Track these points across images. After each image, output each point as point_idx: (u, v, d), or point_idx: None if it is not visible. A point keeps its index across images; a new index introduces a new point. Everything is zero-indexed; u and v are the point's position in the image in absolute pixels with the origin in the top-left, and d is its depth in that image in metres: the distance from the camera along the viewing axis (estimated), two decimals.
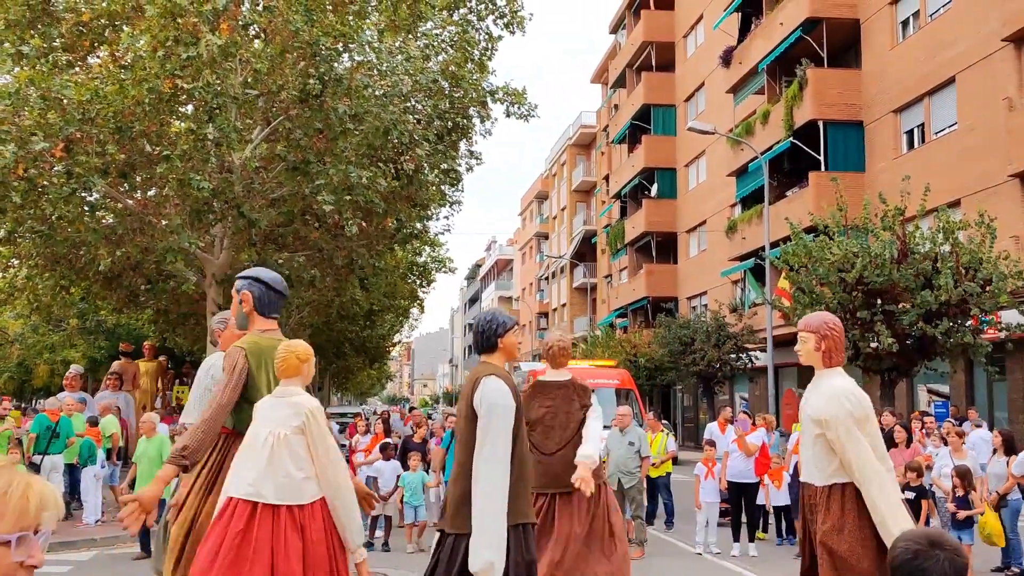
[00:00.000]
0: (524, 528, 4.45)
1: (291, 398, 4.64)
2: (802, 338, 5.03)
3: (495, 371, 4.59)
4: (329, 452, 4.58)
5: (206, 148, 14.93)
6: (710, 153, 38.99)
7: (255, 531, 4.35)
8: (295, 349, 4.75)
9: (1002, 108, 21.86)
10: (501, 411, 4.42)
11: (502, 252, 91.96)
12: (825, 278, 18.64)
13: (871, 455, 4.60)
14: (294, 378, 4.74)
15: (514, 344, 4.78)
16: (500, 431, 4.39)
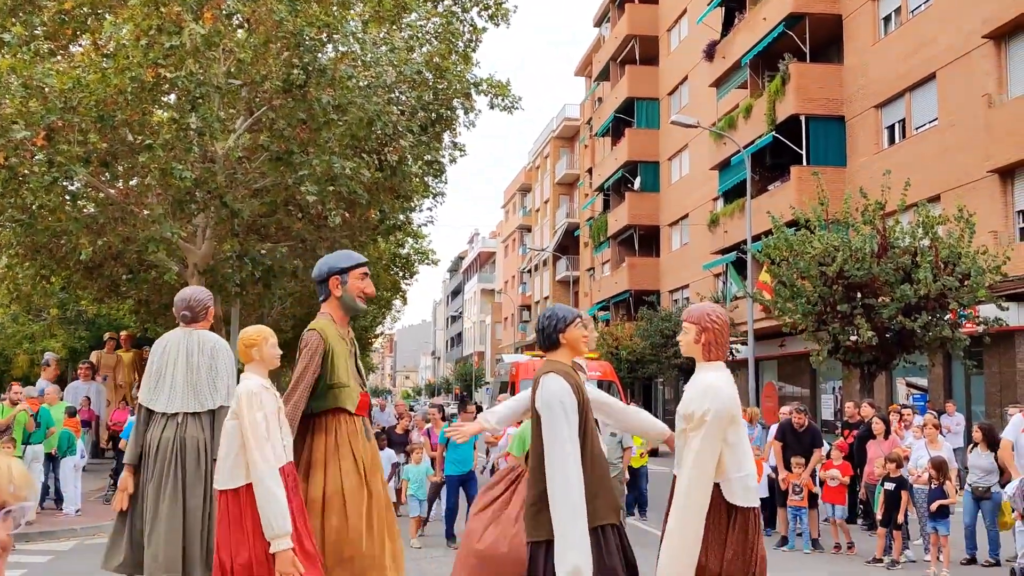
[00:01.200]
0: (603, 530, 4.33)
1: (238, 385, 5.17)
2: (684, 328, 4.76)
3: (555, 368, 4.47)
4: (251, 439, 4.91)
5: (189, 138, 14.88)
6: (693, 147, 39.11)
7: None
8: (243, 335, 5.23)
9: (982, 104, 22.03)
10: (560, 409, 4.29)
11: (485, 245, 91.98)
12: (806, 272, 18.77)
13: (708, 465, 4.28)
14: (251, 363, 5.22)
15: (579, 337, 4.62)
16: (562, 431, 4.27)
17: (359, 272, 5.75)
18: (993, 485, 10.87)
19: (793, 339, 25.74)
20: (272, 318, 28.36)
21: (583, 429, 4.31)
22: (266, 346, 5.24)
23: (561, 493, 4.16)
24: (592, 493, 4.24)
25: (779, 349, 30.81)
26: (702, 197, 37.89)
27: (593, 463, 4.32)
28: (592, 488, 4.25)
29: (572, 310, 4.66)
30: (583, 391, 4.40)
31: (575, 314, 4.63)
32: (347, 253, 5.82)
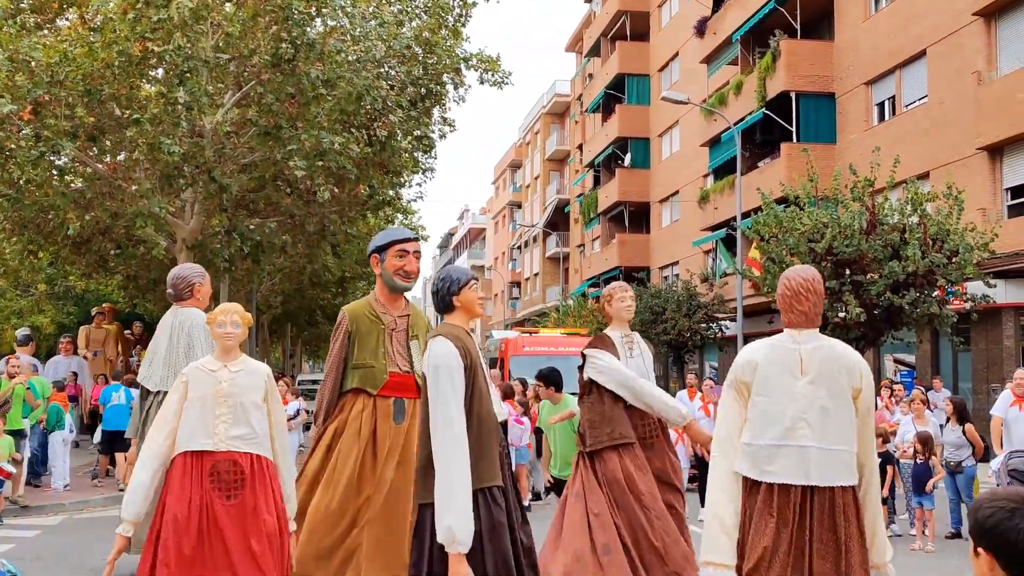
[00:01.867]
0: (490, 492, 4.28)
1: None
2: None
3: (445, 331, 4.40)
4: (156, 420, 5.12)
5: (176, 112, 14.80)
6: (683, 123, 39.06)
7: None
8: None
9: (971, 82, 22.04)
10: (444, 372, 4.23)
11: (475, 221, 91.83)
12: (795, 248, 18.80)
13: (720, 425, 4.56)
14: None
15: (473, 300, 4.51)
16: (444, 393, 4.21)
17: (396, 250, 5.65)
18: (965, 459, 10.97)
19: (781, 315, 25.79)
20: (261, 294, 28.34)
21: (470, 392, 4.27)
22: (213, 325, 5.12)
23: (443, 456, 4.13)
24: (476, 456, 4.20)
25: (768, 325, 30.89)
26: (692, 174, 37.88)
27: (480, 426, 4.27)
28: (477, 451, 4.21)
29: (466, 272, 4.58)
30: (472, 354, 4.34)
31: (469, 276, 4.55)
32: (388, 231, 5.76)
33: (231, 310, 5.13)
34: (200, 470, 4.89)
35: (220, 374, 5.05)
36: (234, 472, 4.91)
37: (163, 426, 4.99)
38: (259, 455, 5.03)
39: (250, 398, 5.06)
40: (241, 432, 4.97)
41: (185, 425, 4.97)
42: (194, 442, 4.92)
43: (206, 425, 4.94)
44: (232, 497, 4.88)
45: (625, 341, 6.20)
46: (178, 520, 4.79)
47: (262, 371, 5.23)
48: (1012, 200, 21.52)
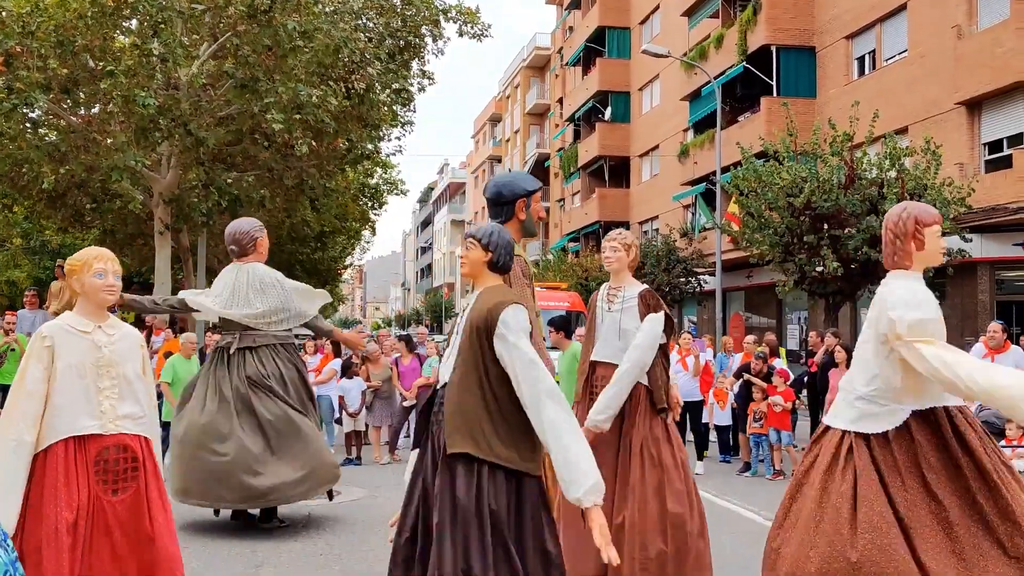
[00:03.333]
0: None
1: None
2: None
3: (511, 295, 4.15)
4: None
5: (151, 64, 14.63)
6: (664, 77, 38.87)
7: None
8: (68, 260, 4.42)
9: (951, 36, 22.01)
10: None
11: (455, 175, 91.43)
12: (774, 203, 18.86)
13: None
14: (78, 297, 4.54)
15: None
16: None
17: (538, 195, 5.82)
18: None
19: (760, 270, 25.95)
20: None
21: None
22: (87, 274, 4.10)
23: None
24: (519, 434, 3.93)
25: (746, 280, 31.06)
26: (672, 128, 37.79)
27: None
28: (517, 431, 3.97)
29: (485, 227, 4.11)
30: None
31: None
32: (525, 175, 5.82)
33: (108, 256, 4.17)
34: (85, 460, 3.98)
35: (96, 337, 4.11)
36: (124, 459, 4.06)
37: (26, 404, 3.93)
38: (148, 438, 4.22)
39: (132, 368, 4.19)
40: (130, 410, 4.13)
41: (61, 403, 3.97)
42: (77, 424, 3.98)
43: (90, 402, 4.02)
44: (121, 491, 4.03)
45: (611, 292, 5.74)
46: (61, 532, 3.83)
47: (135, 335, 4.33)
48: (989, 155, 21.61)
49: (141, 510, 4.06)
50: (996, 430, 9.69)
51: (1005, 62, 20.11)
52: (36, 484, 3.90)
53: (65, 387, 3.98)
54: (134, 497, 4.06)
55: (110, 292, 4.13)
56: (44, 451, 3.93)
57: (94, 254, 4.12)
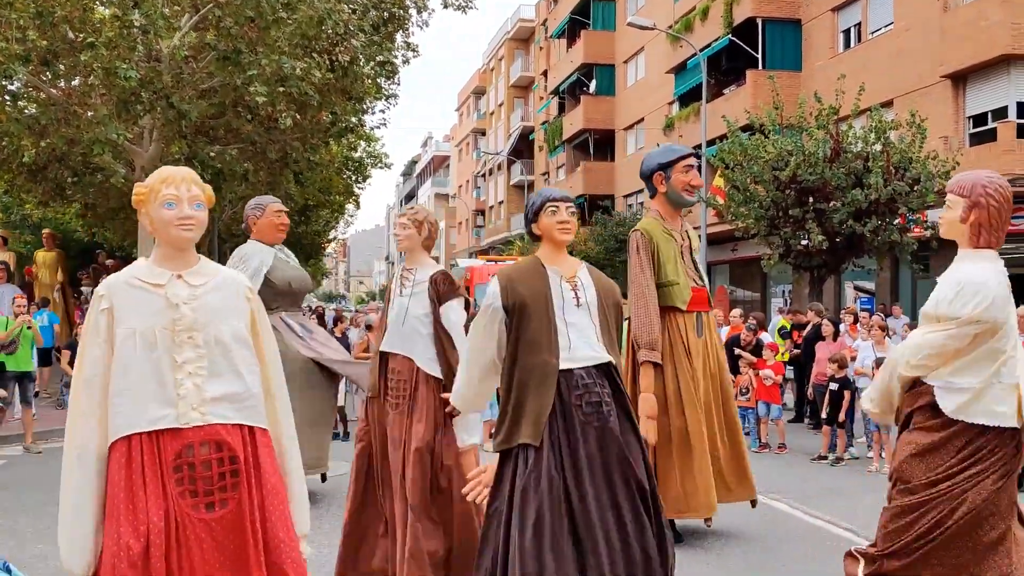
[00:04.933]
0: (522, 451, 3.77)
1: None
2: (949, 202, 3.83)
3: (508, 267, 4.03)
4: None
5: (132, 36, 14.42)
6: (649, 50, 38.72)
7: None
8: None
9: (937, 9, 21.99)
10: (481, 312, 3.93)
11: (439, 148, 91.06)
12: (759, 176, 18.86)
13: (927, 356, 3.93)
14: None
15: (551, 227, 3.91)
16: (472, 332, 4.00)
17: (682, 165, 5.91)
18: None
19: (745, 243, 25.97)
20: (223, 222, 28.04)
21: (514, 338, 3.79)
22: (154, 204, 3.02)
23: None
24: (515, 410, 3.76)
25: (731, 253, 31.11)
26: (657, 101, 37.69)
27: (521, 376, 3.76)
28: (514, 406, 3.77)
29: (545, 193, 3.99)
30: (520, 295, 3.79)
31: (546, 197, 3.95)
32: (668, 147, 6.01)
33: (182, 178, 3.05)
34: (158, 465, 2.88)
35: (173, 291, 3.00)
36: (219, 461, 2.94)
37: (86, 397, 2.94)
38: (255, 427, 3.06)
39: (229, 330, 3.05)
40: (225, 390, 3.00)
41: (122, 385, 2.92)
42: (143, 417, 2.89)
43: (163, 383, 2.92)
44: (219, 505, 2.92)
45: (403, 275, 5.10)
46: (122, 568, 2.79)
47: (236, 283, 3.18)
48: (974, 128, 21.64)
49: (246, 529, 2.91)
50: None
51: (990, 35, 20.11)
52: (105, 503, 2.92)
53: (127, 363, 2.91)
54: (237, 512, 2.93)
55: (186, 227, 3.02)
56: (111, 448, 2.91)
57: (163, 175, 3.05)
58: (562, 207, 3.89)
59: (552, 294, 3.83)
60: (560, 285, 3.86)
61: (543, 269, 3.89)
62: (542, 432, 3.66)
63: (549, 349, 3.73)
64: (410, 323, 4.81)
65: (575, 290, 3.87)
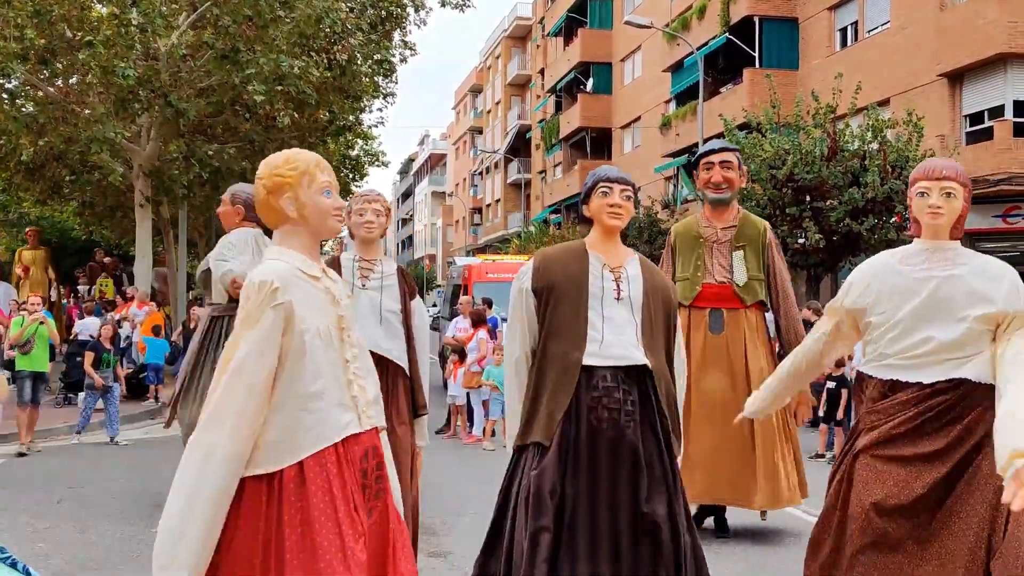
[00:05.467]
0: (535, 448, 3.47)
1: None
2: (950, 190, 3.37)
3: (541, 250, 3.74)
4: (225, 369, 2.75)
5: (130, 34, 14.44)
6: (646, 48, 38.75)
7: None
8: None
9: (933, 7, 22.02)
10: (511, 295, 3.62)
11: (436, 146, 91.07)
12: (757, 175, 18.89)
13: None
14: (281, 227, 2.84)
15: (601, 209, 3.58)
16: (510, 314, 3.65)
17: (703, 163, 6.10)
18: None
19: None
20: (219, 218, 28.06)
21: (544, 323, 3.51)
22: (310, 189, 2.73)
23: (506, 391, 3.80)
24: (533, 403, 3.50)
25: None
26: (654, 99, 37.72)
27: (545, 366, 3.49)
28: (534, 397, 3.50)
29: (599, 173, 3.64)
30: (553, 276, 3.51)
31: (598, 177, 3.62)
32: (703, 147, 6.15)
33: (328, 165, 2.84)
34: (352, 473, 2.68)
35: (327, 284, 2.79)
36: (376, 466, 2.78)
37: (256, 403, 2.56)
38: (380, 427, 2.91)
39: (359, 330, 2.95)
40: (375, 390, 2.88)
41: (316, 389, 2.64)
42: (339, 421, 2.68)
43: (340, 385, 2.72)
44: (374, 511, 2.74)
45: (363, 266, 4.57)
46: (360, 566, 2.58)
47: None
48: (971, 127, 21.69)
49: (388, 536, 2.75)
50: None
51: (986, 34, 20.15)
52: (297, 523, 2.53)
53: (320, 365, 2.66)
54: (382, 519, 2.76)
55: (340, 218, 2.86)
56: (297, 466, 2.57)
57: (314, 159, 2.77)
58: (615, 189, 3.54)
59: (589, 282, 3.50)
60: (602, 273, 3.53)
61: (585, 254, 3.57)
62: (554, 431, 3.38)
63: (574, 341, 3.43)
64: (386, 318, 4.47)
65: (617, 281, 3.53)
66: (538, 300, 3.51)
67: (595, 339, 3.43)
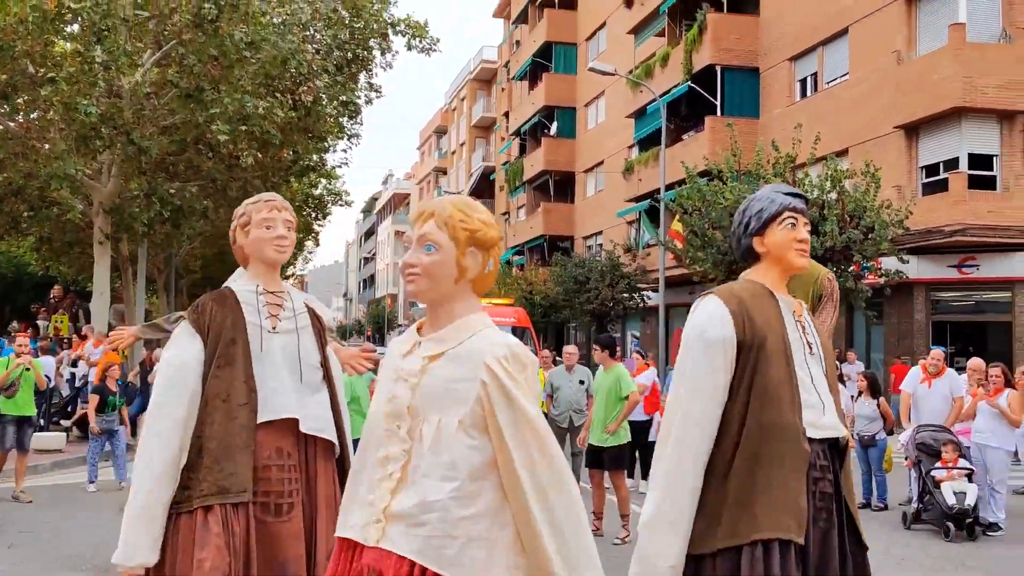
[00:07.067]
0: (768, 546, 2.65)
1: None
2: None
3: (725, 288, 2.93)
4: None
5: (94, 71, 14.38)
6: (610, 94, 39.18)
7: None
8: None
9: (891, 61, 22.49)
10: (695, 344, 2.81)
11: (399, 186, 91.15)
12: (717, 222, 19.08)
13: None
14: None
15: (787, 244, 2.95)
16: (687, 376, 2.80)
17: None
18: (878, 432, 11.29)
19: (702, 287, 26.12)
20: (180, 258, 27.81)
21: (746, 383, 2.77)
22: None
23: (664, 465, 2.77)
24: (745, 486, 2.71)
25: (689, 296, 31.33)
26: (617, 145, 38.08)
27: (761, 441, 2.72)
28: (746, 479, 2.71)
29: (778, 199, 3.03)
30: (756, 326, 2.80)
31: (783, 205, 2.99)
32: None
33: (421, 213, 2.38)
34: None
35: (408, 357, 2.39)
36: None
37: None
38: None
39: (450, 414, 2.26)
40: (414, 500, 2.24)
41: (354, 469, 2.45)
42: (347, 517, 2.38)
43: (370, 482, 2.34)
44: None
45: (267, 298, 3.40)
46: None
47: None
48: (927, 178, 22.08)
49: None
50: (933, 451, 9.89)
51: (942, 88, 20.59)
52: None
53: (366, 440, 2.46)
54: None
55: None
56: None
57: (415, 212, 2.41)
58: (801, 220, 2.97)
59: (788, 333, 2.85)
60: (794, 322, 2.91)
61: (773, 297, 2.91)
62: (806, 523, 2.68)
63: (792, 406, 2.76)
64: (306, 374, 3.32)
65: (804, 332, 2.91)
66: (739, 355, 2.78)
67: (811, 404, 2.81)
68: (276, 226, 3.31)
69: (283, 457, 3.19)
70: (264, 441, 3.16)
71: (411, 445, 2.25)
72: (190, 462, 3.07)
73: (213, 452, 3.07)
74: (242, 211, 3.38)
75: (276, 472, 3.15)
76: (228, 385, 3.14)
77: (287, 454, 3.21)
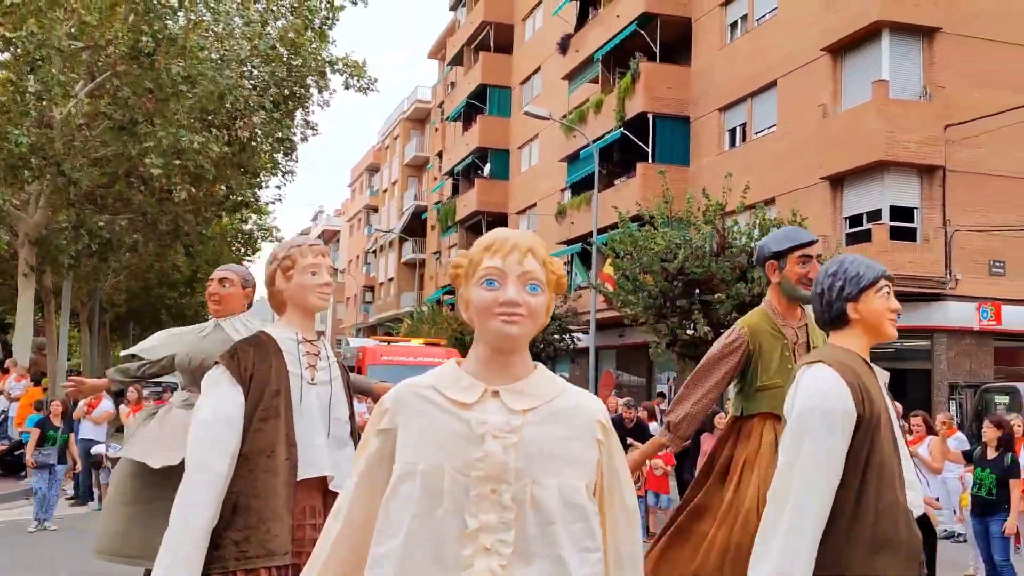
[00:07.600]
0: None
1: None
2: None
3: (831, 356, 2.81)
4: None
5: (26, 101, 14.15)
6: (543, 137, 39.59)
7: None
8: None
9: (817, 114, 23.16)
10: (818, 418, 2.66)
11: (329, 223, 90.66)
12: (648, 267, 19.35)
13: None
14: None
15: (882, 313, 2.87)
16: (806, 451, 2.64)
17: (799, 255, 4.79)
18: None
19: (632, 330, 26.48)
20: (105, 291, 27.27)
21: (864, 461, 2.65)
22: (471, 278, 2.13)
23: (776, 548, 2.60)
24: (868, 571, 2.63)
25: (619, 339, 31.64)
26: (550, 188, 38.44)
27: (878, 520, 2.62)
28: (866, 561, 2.62)
29: (872, 266, 2.91)
30: (873, 400, 2.72)
31: (878, 273, 2.88)
32: (787, 232, 4.72)
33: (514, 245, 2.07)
34: None
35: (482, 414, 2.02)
36: None
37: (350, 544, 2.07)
38: None
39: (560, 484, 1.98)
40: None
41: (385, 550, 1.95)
42: None
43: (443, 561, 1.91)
44: None
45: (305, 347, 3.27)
46: None
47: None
48: (851, 228, 22.69)
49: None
50: None
51: (866, 141, 21.25)
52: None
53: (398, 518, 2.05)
54: None
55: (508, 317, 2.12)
56: None
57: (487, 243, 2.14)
58: (892, 290, 2.86)
59: (888, 407, 2.73)
60: (889, 395, 2.81)
61: (870, 368, 2.80)
62: None
63: (900, 485, 2.67)
64: (335, 428, 3.22)
65: (892, 403, 2.85)
66: (857, 430, 2.65)
67: (911, 484, 2.73)
68: (321, 273, 3.21)
69: (315, 516, 3.05)
70: (299, 499, 3.01)
71: (515, 513, 1.91)
72: (222, 519, 2.86)
73: (257, 511, 2.89)
74: (284, 254, 3.21)
75: (309, 532, 2.98)
76: (272, 439, 2.97)
77: (318, 512, 3.06)
